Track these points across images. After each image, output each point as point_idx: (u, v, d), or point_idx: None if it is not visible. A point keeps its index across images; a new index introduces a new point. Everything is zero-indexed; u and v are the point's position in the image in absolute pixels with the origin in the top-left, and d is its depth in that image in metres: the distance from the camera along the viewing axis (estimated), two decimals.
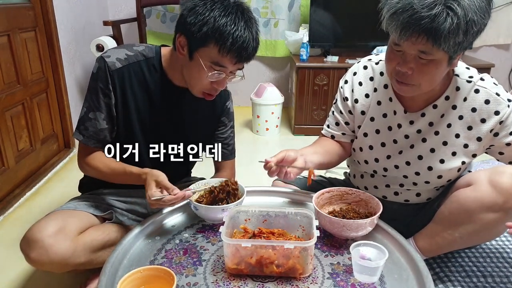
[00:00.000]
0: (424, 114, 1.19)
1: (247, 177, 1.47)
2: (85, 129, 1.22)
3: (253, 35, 1.12)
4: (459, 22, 0.92)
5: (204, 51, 1.12)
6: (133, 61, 1.21)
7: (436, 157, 1.20)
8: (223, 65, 1.13)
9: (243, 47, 1.10)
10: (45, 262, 1.11)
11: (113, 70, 1.18)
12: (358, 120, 1.30)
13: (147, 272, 0.93)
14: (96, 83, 1.19)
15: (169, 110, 1.28)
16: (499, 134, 1.14)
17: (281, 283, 0.98)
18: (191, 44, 1.13)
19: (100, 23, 2.82)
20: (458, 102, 1.15)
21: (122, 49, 1.23)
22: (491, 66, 2.95)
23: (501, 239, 1.55)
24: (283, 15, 3.28)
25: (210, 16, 1.08)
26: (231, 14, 1.08)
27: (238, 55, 1.11)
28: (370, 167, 1.31)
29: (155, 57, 1.24)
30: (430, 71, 1.02)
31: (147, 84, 1.24)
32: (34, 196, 2.07)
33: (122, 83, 1.20)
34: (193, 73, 1.17)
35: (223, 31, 1.07)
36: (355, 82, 1.29)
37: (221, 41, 1.08)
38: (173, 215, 1.25)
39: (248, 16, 1.12)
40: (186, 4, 1.12)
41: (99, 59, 1.20)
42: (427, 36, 0.94)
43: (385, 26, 1.01)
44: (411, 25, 0.94)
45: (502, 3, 3.28)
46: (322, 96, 2.95)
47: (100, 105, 1.20)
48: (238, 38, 1.08)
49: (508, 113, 1.11)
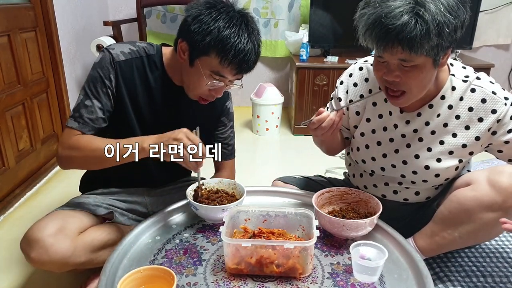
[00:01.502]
0: (420, 114, 1.19)
1: (247, 177, 1.47)
2: (80, 116, 1.17)
3: (255, 48, 1.12)
4: (428, 27, 0.94)
5: (205, 60, 1.12)
6: (136, 56, 1.22)
7: (433, 156, 1.20)
8: (223, 75, 1.14)
9: (244, 60, 1.11)
10: (45, 262, 1.11)
11: (117, 61, 1.18)
12: (354, 120, 1.31)
13: (147, 272, 0.93)
14: (98, 71, 1.18)
15: (168, 109, 1.28)
16: (497, 133, 1.14)
17: (281, 283, 0.98)
18: (192, 51, 1.13)
19: (100, 23, 2.83)
20: (454, 102, 1.15)
21: (125, 44, 1.24)
22: (491, 66, 2.95)
23: (501, 239, 1.55)
24: (283, 15, 3.28)
25: (214, 26, 1.08)
26: (235, 26, 1.08)
27: (239, 67, 1.12)
28: (367, 166, 1.32)
29: (157, 55, 1.24)
30: (416, 75, 1.04)
31: (148, 81, 1.24)
32: (34, 196, 2.07)
33: (124, 76, 1.20)
34: (192, 79, 1.18)
35: (226, 43, 1.08)
36: (350, 84, 1.30)
37: (223, 52, 1.09)
38: (173, 215, 1.25)
39: (252, 27, 1.12)
40: (191, 11, 1.12)
41: (103, 51, 1.20)
42: (401, 45, 0.97)
43: (363, 43, 1.05)
44: (384, 38, 0.98)
45: (502, 3, 3.28)
46: (322, 96, 2.95)
47: (99, 94, 1.18)
48: (240, 51, 1.09)
49: (505, 111, 1.11)
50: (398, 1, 0.95)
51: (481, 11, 3.13)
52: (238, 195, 1.25)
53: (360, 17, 1.03)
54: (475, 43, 3.30)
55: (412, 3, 0.95)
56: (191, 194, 1.22)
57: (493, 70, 2.93)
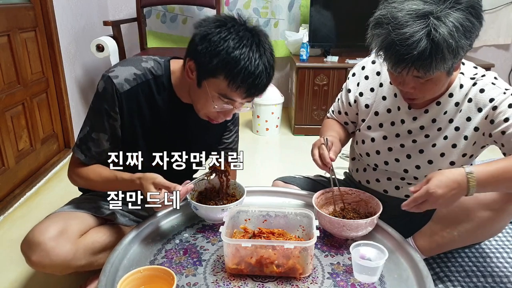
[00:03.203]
0: (428, 111, 1.19)
1: (247, 177, 1.47)
2: (87, 149, 1.18)
3: (267, 70, 1.05)
4: (443, 55, 0.94)
5: (213, 82, 1.06)
6: (142, 80, 1.15)
7: (437, 151, 1.20)
8: (231, 98, 1.08)
9: (254, 84, 1.05)
10: (46, 265, 1.11)
11: (121, 93, 1.13)
12: (363, 113, 1.32)
13: (147, 272, 0.93)
14: (102, 104, 1.14)
15: (176, 128, 1.24)
16: (494, 122, 1.10)
17: (281, 283, 0.98)
18: (200, 72, 1.08)
19: (100, 23, 2.82)
20: (460, 99, 1.16)
21: (129, 66, 1.16)
22: (491, 66, 2.95)
23: (501, 239, 1.55)
24: (283, 15, 3.28)
25: (222, 47, 1.01)
26: (246, 47, 1.02)
27: (248, 91, 1.06)
28: (371, 159, 1.32)
29: (164, 75, 1.18)
30: (431, 87, 1.06)
31: (156, 103, 1.19)
32: (34, 196, 2.07)
33: (130, 105, 1.15)
34: (199, 99, 1.13)
35: (234, 66, 1.01)
36: (362, 76, 1.31)
37: (231, 75, 1.03)
38: (173, 215, 1.25)
39: (264, 47, 1.05)
40: (200, 29, 1.05)
41: (105, 79, 1.13)
42: (417, 69, 0.97)
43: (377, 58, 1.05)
44: (399, 63, 0.97)
45: (502, 3, 3.28)
46: (322, 96, 2.95)
47: (105, 127, 1.15)
48: (249, 74, 1.02)
49: (502, 99, 1.08)
50: (412, 27, 0.93)
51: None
52: (238, 195, 1.25)
53: (373, 37, 1.01)
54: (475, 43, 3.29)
55: (426, 28, 0.92)
56: (191, 194, 1.21)
57: (493, 70, 2.87)
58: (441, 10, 0.93)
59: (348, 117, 1.39)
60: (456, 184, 0.98)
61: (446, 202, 1.00)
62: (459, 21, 0.93)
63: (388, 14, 0.96)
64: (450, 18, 0.92)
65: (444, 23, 0.92)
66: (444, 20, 0.92)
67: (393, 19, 0.95)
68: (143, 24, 3.02)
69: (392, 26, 0.95)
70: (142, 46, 3.04)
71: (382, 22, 0.97)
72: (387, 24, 0.96)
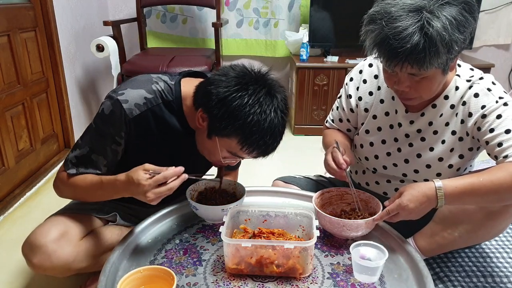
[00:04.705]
0: (424, 114, 1.19)
1: (247, 177, 1.47)
2: (84, 169, 1.11)
3: (281, 135, 1.05)
4: (437, 48, 0.93)
5: (225, 141, 1.04)
6: (152, 105, 1.11)
7: (434, 155, 1.20)
8: (241, 156, 1.08)
9: (266, 151, 1.05)
10: (48, 268, 1.11)
11: (130, 119, 1.08)
12: (362, 117, 1.32)
13: (147, 272, 0.93)
14: (107, 127, 1.08)
15: (184, 151, 1.19)
16: (481, 129, 1.10)
17: (281, 283, 0.98)
18: (212, 128, 1.04)
19: (100, 23, 2.82)
20: (456, 102, 1.15)
21: (139, 89, 1.10)
22: (491, 66, 2.95)
23: (501, 239, 1.55)
24: (283, 15, 3.27)
25: (241, 113, 0.97)
26: (264, 114, 0.98)
27: (259, 155, 1.06)
28: (370, 163, 1.32)
29: (175, 101, 1.13)
30: (426, 85, 1.05)
31: (165, 127, 1.15)
32: (34, 196, 2.07)
33: (139, 129, 1.11)
34: (206, 148, 1.11)
35: (250, 135, 0.99)
36: (360, 80, 1.30)
37: (246, 143, 1.01)
38: (173, 215, 1.25)
39: (283, 112, 1.02)
40: (218, 90, 0.99)
41: (114, 102, 1.06)
42: (411, 64, 0.97)
43: (369, 54, 1.04)
44: (393, 58, 0.97)
45: (502, 3, 3.27)
46: (322, 96, 2.94)
47: (106, 152, 1.11)
48: (264, 143, 1.02)
49: (493, 109, 1.07)
50: (405, 21, 0.93)
51: (481, 11, 3.13)
52: (238, 195, 1.25)
53: (367, 34, 1.01)
54: (475, 43, 3.30)
55: (420, 22, 0.92)
56: (191, 194, 1.21)
57: (493, 70, 2.92)
58: (434, 4, 0.93)
59: (350, 124, 1.37)
60: (425, 198, 1.03)
61: (417, 214, 1.05)
62: (452, 15, 0.93)
63: (381, 10, 0.97)
64: (444, 12, 0.93)
65: (438, 17, 0.92)
66: (437, 14, 0.93)
67: (386, 14, 0.95)
68: (143, 24, 3.02)
69: (385, 21, 0.95)
70: (142, 46, 3.04)
71: (376, 18, 0.98)
72: (380, 20, 0.96)
